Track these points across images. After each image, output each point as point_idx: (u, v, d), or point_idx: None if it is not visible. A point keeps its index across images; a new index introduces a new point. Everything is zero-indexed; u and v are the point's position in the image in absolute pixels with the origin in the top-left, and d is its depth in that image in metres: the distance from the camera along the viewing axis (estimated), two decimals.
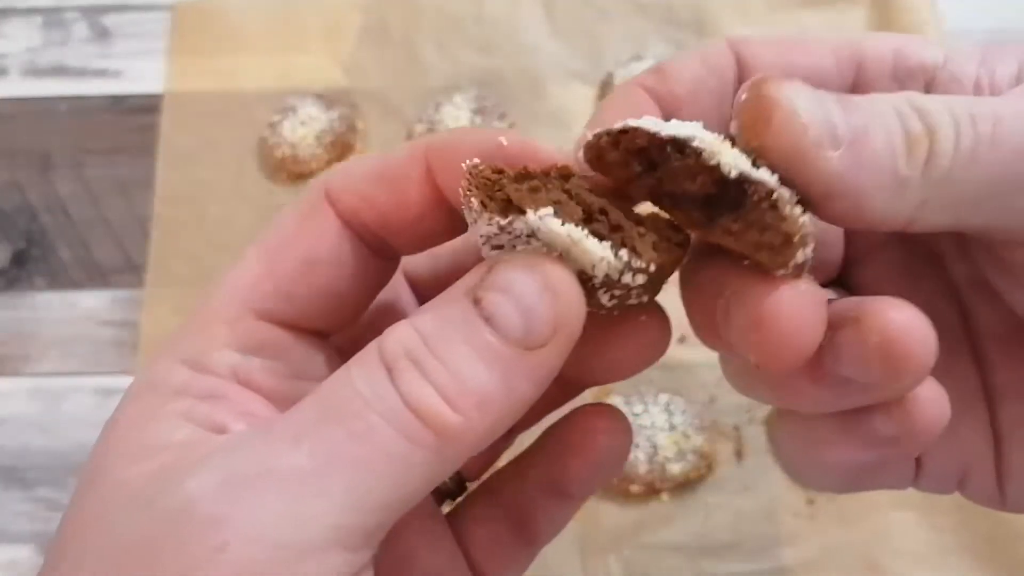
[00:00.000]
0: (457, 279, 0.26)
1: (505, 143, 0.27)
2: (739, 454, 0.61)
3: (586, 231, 0.24)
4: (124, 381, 0.65)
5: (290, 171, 0.70)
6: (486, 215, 0.25)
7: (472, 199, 0.25)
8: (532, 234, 0.24)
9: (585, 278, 0.25)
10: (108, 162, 0.72)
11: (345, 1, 0.76)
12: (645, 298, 0.26)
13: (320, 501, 0.22)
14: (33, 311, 0.68)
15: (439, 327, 0.24)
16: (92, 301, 0.68)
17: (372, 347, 0.24)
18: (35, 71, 0.76)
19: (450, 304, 0.24)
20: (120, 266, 0.69)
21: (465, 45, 0.75)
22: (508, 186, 0.25)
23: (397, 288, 0.33)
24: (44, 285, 0.69)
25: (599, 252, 0.24)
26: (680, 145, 0.25)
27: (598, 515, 0.60)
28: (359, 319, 0.31)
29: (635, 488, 0.59)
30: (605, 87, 0.71)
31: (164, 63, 0.75)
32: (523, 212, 0.24)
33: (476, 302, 0.24)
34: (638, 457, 0.59)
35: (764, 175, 0.24)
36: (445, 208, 0.29)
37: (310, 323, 0.29)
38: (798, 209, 0.24)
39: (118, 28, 0.77)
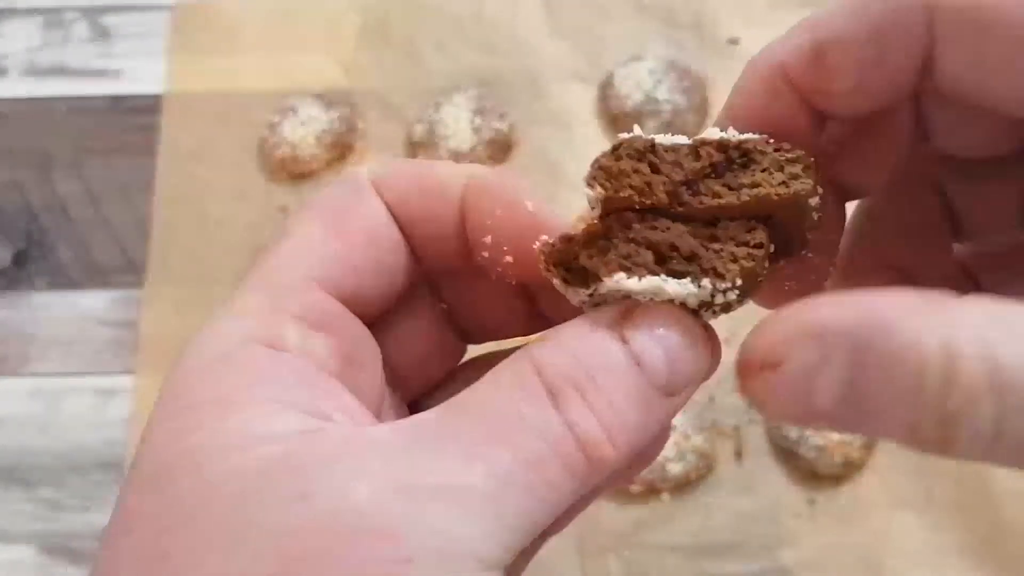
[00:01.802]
0: None
1: (531, 208, 0.29)
2: (739, 454, 0.61)
3: (662, 275, 0.26)
4: (124, 381, 0.65)
5: (290, 171, 0.70)
6: (571, 289, 0.27)
7: (553, 279, 0.27)
8: (619, 291, 0.26)
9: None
10: (108, 162, 0.72)
11: (345, 1, 0.76)
12: (745, 301, 0.27)
13: (496, 523, 0.23)
14: (33, 311, 0.68)
15: (594, 357, 0.25)
16: (92, 301, 0.68)
17: (525, 366, 0.25)
18: (35, 71, 0.76)
19: (597, 335, 0.25)
20: (120, 266, 0.69)
21: (465, 45, 0.75)
22: (581, 254, 0.26)
23: None
24: (44, 285, 0.69)
25: (682, 291, 0.25)
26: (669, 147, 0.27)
27: (598, 515, 0.60)
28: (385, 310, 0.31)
29: (635, 488, 0.59)
30: (605, 87, 0.71)
31: (164, 63, 0.75)
32: (601, 279, 0.26)
33: (624, 340, 0.25)
34: None
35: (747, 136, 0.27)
36: (467, 239, 0.30)
37: (365, 300, 0.29)
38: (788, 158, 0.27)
39: (118, 28, 0.77)
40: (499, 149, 0.70)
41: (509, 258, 0.29)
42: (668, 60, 0.71)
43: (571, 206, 0.68)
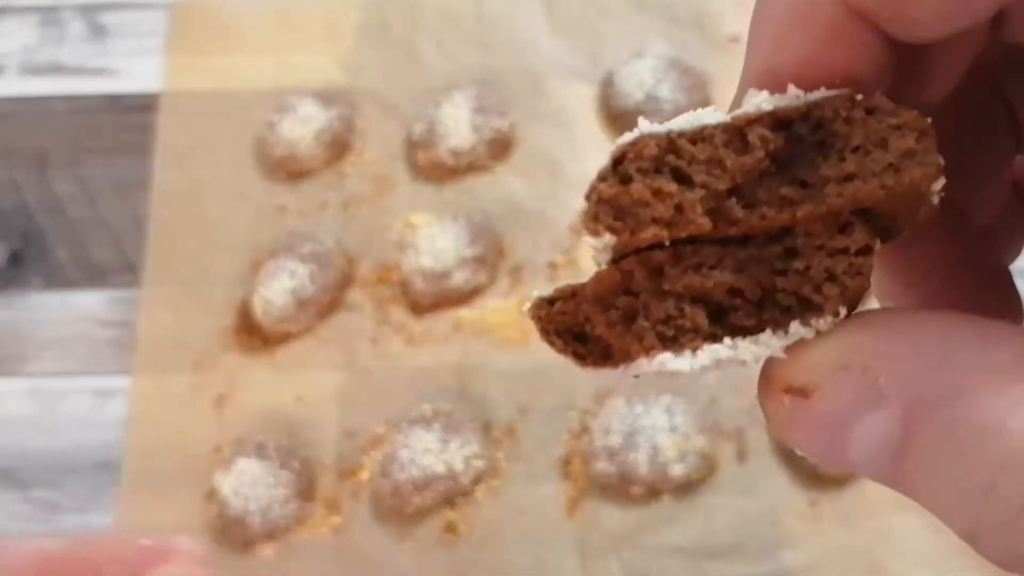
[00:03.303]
0: None
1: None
2: (741, 455, 0.60)
3: (727, 340, 0.18)
4: (121, 382, 0.65)
5: (289, 170, 0.70)
6: (583, 364, 0.19)
7: (560, 353, 0.19)
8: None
9: None
10: (105, 161, 0.72)
11: None
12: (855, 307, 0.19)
13: None
14: (30, 311, 0.68)
15: None
16: (89, 301, 0.68)
17: None
18: (32, 70, 0.75)
19: None
20: (117, 266, 0.69)
21: (465, 43, 0.74)
22: (594, 320, 0.18)
23: None
24: (41, 285, 0.69)
25: (765, 352, 0.18)
26: (696, 135, 0.18)
27: (599, 517, 0.59)
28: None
29: (636, 490, 0.59)
30: (606, 85, 0.71)
31: (161, 62, 0.75)
32: (632, 358, 0.18)
33: None
34: (639, 459, 0.58)
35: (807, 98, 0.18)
36: None
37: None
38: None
39: (115, 27, 0.76)
40: (499, 148, 0.70)
41: None
42: (669, 58, 0.70)
43: (571, 205, 0.68)
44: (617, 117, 0.70)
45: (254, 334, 0.65)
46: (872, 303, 0.22)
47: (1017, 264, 0.29)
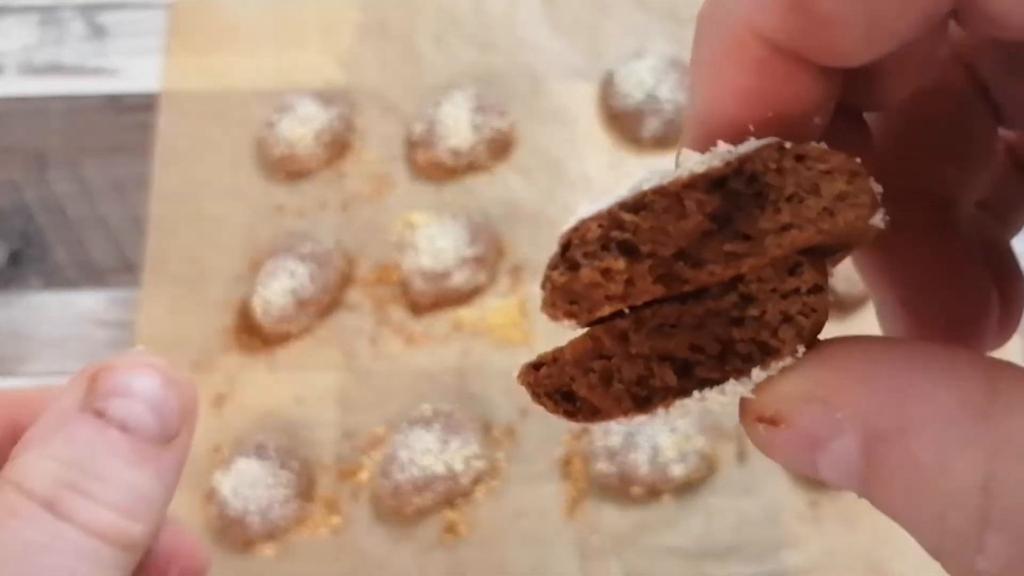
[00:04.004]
0: None
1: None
2: (741, 456, 0.60)
3: (696, 394, 0.19)
4: None
5: (288, 170, 0.70)
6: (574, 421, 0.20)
7: (555, 414, 0.21)
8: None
9: None
10: (105, 161, 0.72)
11: None
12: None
13: None
14: (29, 311, 0.68)
15: (79, 448, 0.23)
16: (88, 301, 0.68)
17: (8, 495, 0.22)
18: (31, 69, 0.75)
19: (72, 424, 0.23)
20: (116, 266, 0.69)
21: (465, 42, 0.74)
22: (577, 382, 0.20)
23: None
24: (40, 285, 0.69)
25: (732, 398, 0.19)
26: (636, 203, 0.19)
27: (599, 517, 0.59)
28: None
29: (636, 490, 0.59)
30: (606, 85, 0.71)
31: (161, 61, 0.74)
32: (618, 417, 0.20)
33: (99, 413, 0.23)
34: (639, 459, 0.58)
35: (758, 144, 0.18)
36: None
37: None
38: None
39: (114, 26, 0.76)
40: (499, 148, 0.69)
41: None
42: (670, 58, 0.70)
43: (571, 205, 0.68)
44: (617, 117, 0.69)
45: (254, 334, 0.65)
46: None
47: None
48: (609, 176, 0.69)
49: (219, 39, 0.75)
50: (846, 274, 0.61)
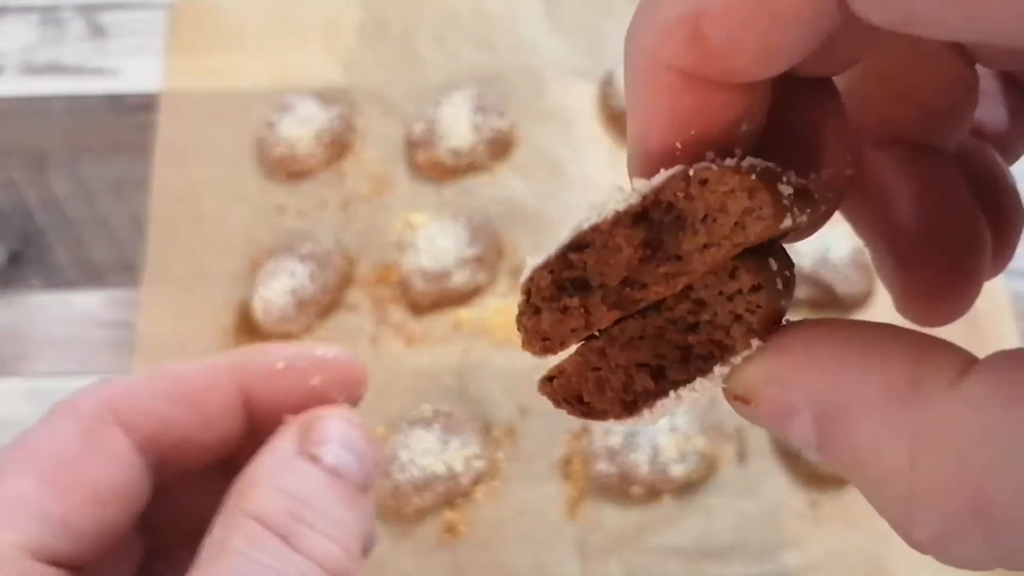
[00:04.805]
0: None
1: (281, 367, 0.29)
2: (741, 456, 0.60)
3: (672, 393, 0.21)
4: None
5: (288, 170, 0.70)
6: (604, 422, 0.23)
7: (578, 417, 0.23)
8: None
9: None
10: (104, 161, 0.72)
11: None
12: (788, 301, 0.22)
13: None
14: (29, 311, 0.68)
15: (305, 488, 0.26)
16: (88, 301, 0.68)
17: (246, 523, 0.25)
18: (31, 69, 0.75)
19: (294, 467, 0.26)
20: (116, 266, 0.69)
21: (465, 42, 0.74)
22: (582, 391, 0.23)
23: None
24: (40, 285, 0.69)
25: (702, 396, 0.22)
26: (575, 244, 0.21)
27: (599, 517, 0.59)
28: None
29: (636, 490, 0.58)
30: (606, 85, 0.71)
31: (161, 61, 0.74)
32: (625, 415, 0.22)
33: (315, 459, 0.27)
34: (639, 459, 0.58)
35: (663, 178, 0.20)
36: (249, 423, 0.29)
37: (84, 560, 0.27)
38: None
39: (114, 26, 0.76)
40: (499, 148, 0.69)
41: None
42: None
43: (571, 205, 0.68)
44: (617, 116, 0.69)
45: (254, 334, 0.65)
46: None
47: (1018, 264, 0.28)
48: (609, 176, 0.69)
49: (219, 39, 0.75)
50: (846, 274, 0.61)
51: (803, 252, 0.62)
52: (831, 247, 0.62)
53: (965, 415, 0.17)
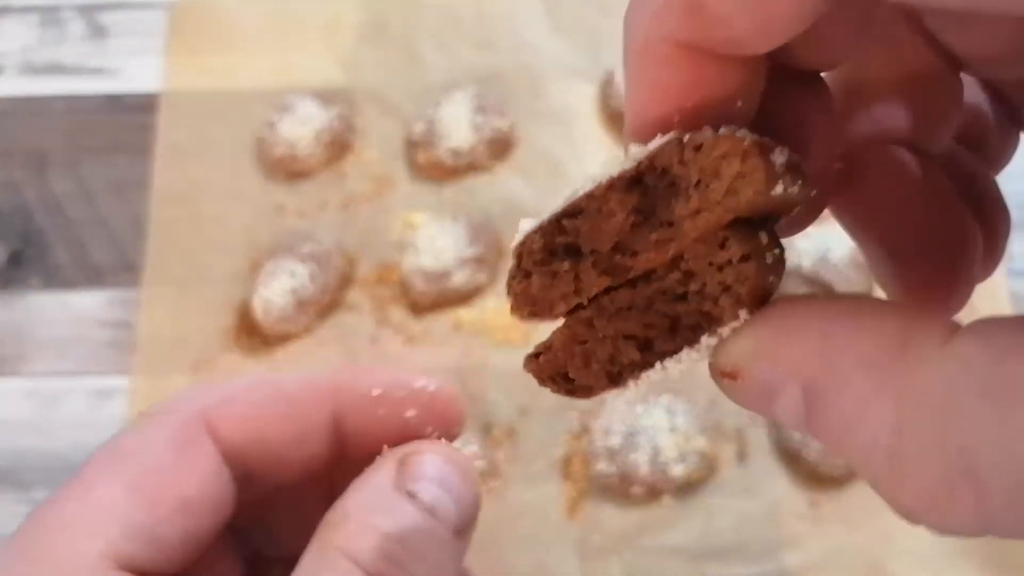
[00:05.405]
0: None
1: (377, 394, 0.28)
2: (741, 456, 0.60)
3: (658, 364, 0.21)
4: (120, 382, 0.65)
5: (288, 170, 0.70)
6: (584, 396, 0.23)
7: (559, 393, 0.23)
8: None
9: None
10: (105, 161, 0.72)
11: None
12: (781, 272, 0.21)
13: None
14: (29, 312, 0.68)
15: (396, 525, 0.25)
16: (88, 301, 0.68)
17: (340, 562, 0.24)
18: (31, 69, 0.75)
19: (389, 501, 0.25)
20: (116, 266, 0.69)
21: (465, 42, 0.74)
22: (568, 366, 0.22)
23: None
24: (40, 285, 0.69)
25: (689, 364, 0.21)
26: (569, 212, 0.22)
27: (599, 517, 0.59)
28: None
29: (636, 490, 0.58)
30: (606, 85, 0.71)
31: (161, 61, 0.74)
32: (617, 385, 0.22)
33: (411, 496, 0.26)
34: (639, 459, 0.58)
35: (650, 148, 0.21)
36: (338, 446, 0.29)
37: (164, 570, 0.26)
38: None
39: (114, 26, 0.76)
40: (499, 148, 0.69)
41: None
42: None
43: None
44: (617, 116, 0.69)
45: (254, 334, 0.65)
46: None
47: (1017, 264, 0.28)
48: None
49: (219, 39, 0.75)
50: (846, 274, 0.61)
51: (803, 252, 0.62)
52: (831, 247, 0.62)
53: (954, 372, 0.17)
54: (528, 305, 0.22)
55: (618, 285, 0.21)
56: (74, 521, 0.24)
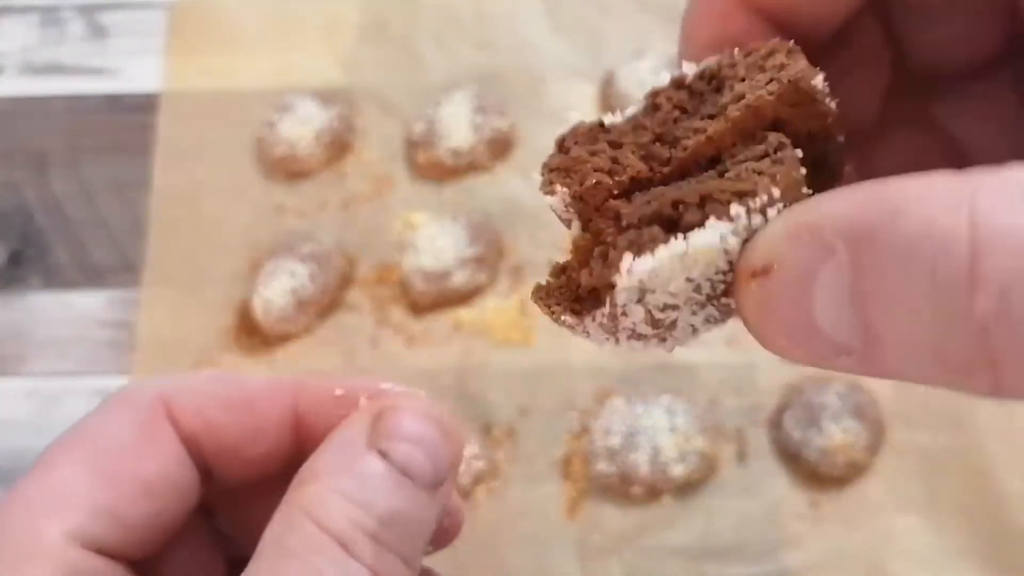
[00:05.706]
0: None
1: (340, 393, 0.28)
2: (741, 456, 0.60)
3: (678, 236, 0.20)
4: (120, 382, 0.65)
5: (288, 170, 0.70)
6: (588, 323, 0.22)
7: (560, 320, 0.22)
8: (643, 289, 0.20)
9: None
10: (105, 161, 0.72)
11: None
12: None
13: None
14: (29, 312, 0.68)
15: (369, 490, 0.24)
16: (88, 301, 0.68)
17: (307, 526, 0.24)
18: (31, 69, 0.75)
19: (360, 462, 0.25)
20: (116, 266, 0.69)
21: (465, 42, 0.74)
22: (580, 276, 0.21)
23: None
24: (40, 285, 0.69)
25: (714, 237, 0.20)
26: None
27: (599, 518, 0.59)
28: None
29: (636, 490, 0.58)
30: (606, 85, 0.71)
31: (161, 61, 0.74)
32: (612, 287, 0.21)
33: (384, 454, 0.25)
34: (639, 459, 0.58)
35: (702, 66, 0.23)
36: (297, 445, 0.28)
37: (131, 553, 0.26)
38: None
39: (115, 26, 0.76)
40: (499, 148, 0.69)
41: None
42: (670, 58, 0.70)
43: None
44: None
45: (254, 334, 0.65)
46: None
47: None
48: None
49: (219, 39, 0.75)
50: None
51: None
52: None
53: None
54: (562, 175, 0.22)
55: (652, 181, 0.22)
56: (38, 503, 0.25)
